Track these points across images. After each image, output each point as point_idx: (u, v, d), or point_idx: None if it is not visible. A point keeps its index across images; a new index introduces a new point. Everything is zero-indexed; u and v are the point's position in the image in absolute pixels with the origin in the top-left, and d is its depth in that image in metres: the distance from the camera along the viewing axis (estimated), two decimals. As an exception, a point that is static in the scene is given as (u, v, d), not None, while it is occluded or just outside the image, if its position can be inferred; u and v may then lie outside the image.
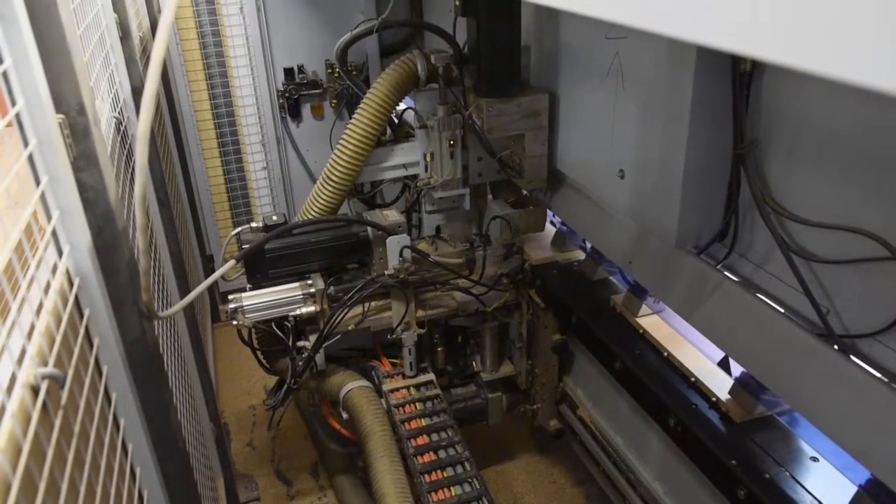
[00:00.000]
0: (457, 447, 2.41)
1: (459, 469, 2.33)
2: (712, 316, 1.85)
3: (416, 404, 2.62)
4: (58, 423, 0.96)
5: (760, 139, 1.67)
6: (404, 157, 2.74)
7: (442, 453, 2.40)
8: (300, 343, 2.54)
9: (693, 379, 2.04)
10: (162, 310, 2.01)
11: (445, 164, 2.66)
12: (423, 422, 2.54)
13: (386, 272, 2.54)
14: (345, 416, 2.62)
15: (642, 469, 2.37)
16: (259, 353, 2.65)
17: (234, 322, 2.44)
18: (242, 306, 2.42)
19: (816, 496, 1.65)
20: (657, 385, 2.08)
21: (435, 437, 2.46)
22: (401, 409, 2.60)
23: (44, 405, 0.91)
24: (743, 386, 1.90)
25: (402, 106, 2.78)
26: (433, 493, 2.24)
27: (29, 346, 0.93)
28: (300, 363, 2.53)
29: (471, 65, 2.52)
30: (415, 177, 2.78)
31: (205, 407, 2.73)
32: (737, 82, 1.65)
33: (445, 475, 2.30)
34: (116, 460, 1.24)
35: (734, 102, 1.67)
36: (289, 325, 2.49)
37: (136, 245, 1.33)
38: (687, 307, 1.95)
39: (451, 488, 2.26)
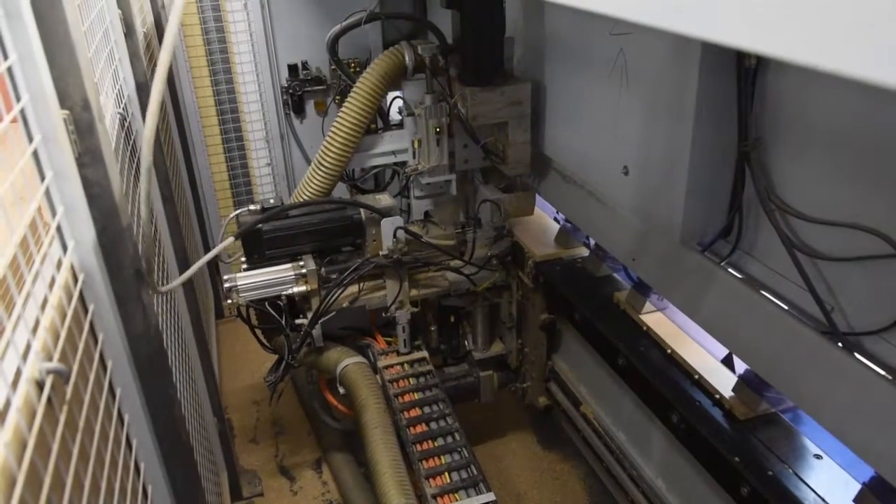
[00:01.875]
0: (447, 419, 2.53)
1: (450, 439, 2.45)
2: (716, 313, 1.85)
3: (410, 379, 2.75)
4: (62, 418, 0.96)
5: (765, 136, 1.67)
6: (393, 145, 2.84)
7: (433, 425, 2.51)
8: (298, 320, 2.65)
9: (696, 376, 2.04)
10: (167, 302, 2.02)
11: (432, 151, 2.74)
12: (416, 396, 2.67)
13: (380, 253, 2.64)
14: (341, 391, 2.72)
15: (645, 465, 2.37)
16: (258, 331, 2.76)
17: (229, 301, 2.56)
18: (237, 286, 2.53)
19: (820, 494, 1.65)
20: (660, 382, 2.08)
21: (427, 409, 2.59)
22: (395, 384, 2.73)
23: (48, 400, 0.92)
24: (746, 383, 1.90)
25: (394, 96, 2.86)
26: (424, 462, 2.35)
27: (34, 340, 0.93)
28: (297, 339, 2.64)
29: (456, 55, 2.60)
30: (404, 163, 2.87)
31: (208, 402, 2.74)
32: (742, 78, 1.65)
33: (436, 445, 2.42)
34: (121, 455, 1.25)
35: (739, 99, 1.67)
36: (281, 304, 2.59)
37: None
38: (691, 304, 1.95)
39: (442, 457, 2.37)
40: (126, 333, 1.31)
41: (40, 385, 0.91)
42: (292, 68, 3.98)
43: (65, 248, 1.16)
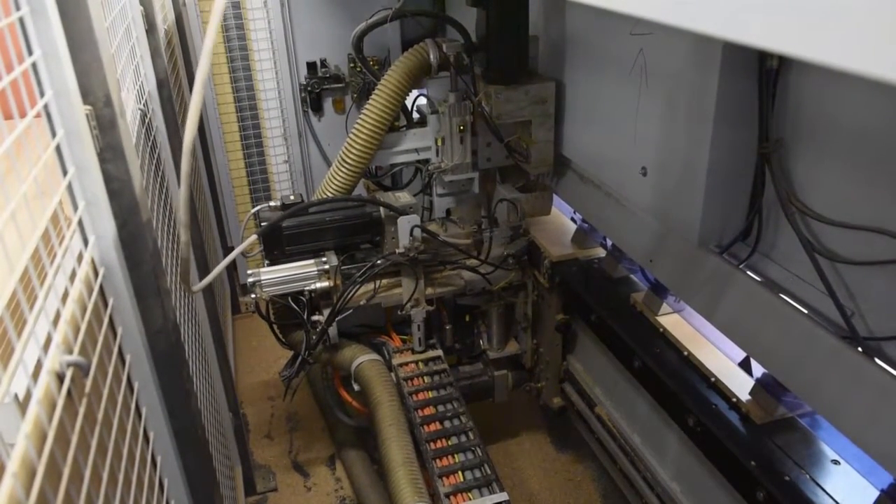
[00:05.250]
0: (461, 418, 2.54)
1: (463, 438, 2.45)
2: (734, 316, 1.83)
3: (424, 378, 2.77)
4: (82, 410, 0.97)
5: (786, 138, 1.65)
6: (417, 142, 2.85)
7: (447, 423, 2.52)
8: (315, 317, 2.67)
9: (713, 379, 2.03)
10: (185, 297, 2.03)
11: (455, 149, 2.75)
12: (430, 394, 2.68)
13: (397, 251, 2.66)
14: (356, 388, 2.74)
15: (660, 468, 2.35)
16: (276, 326, 2.78)
17: (253, 295, 2.58)
18: (260, 280, 2.56)
19: (837, 500, 1.63)
20: (677, 384, 2.07)
21: (441, 408, 2.60)
22: (409, 381, 2.75)
23: (68, 392, 0.93)
24: (764, 387, 1.89)
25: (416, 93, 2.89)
26: (438, 460, 2.35)
27: (55, 333, 0.94)
28: (314, 336, 2.66)
29: (480, 53, 2.61)
30: (427, 161, 2.88)
31: (224, 397, 2.76)
32: (763, 79, 1.63)
33: (450, 443, 2.43)
34: (138, 448, 1.26)
35: (760, 100, 1.65)
36: (304, 300, 2.62)
37: (158, 232, 1.34)
38: (708, 307, 1.94)
39: (455, 455, 2.38)
40: (145, 328, 1.32)
41: (60, 377, 0.92)
42: (311, 66, 4.00)
43: (86, 242, 1.17)
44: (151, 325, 1.33)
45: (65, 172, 1.10)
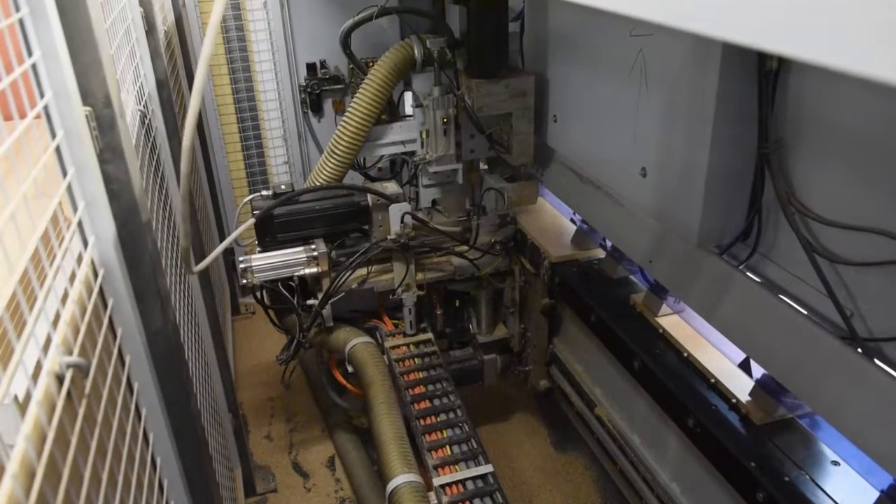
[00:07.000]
0: (450, 396, 2.66)
1: (451, 415, 2.58)
2: (734, 317, 1.83)
3: (415, 359, 2.90)
4: (81, 411, 0.97)
5: (786, 138, 1.65)
6: (402, 135, 2.94)
7: (437, 402, 2.64)
8: (309, 301, 2.78)
9: (713, 380, 2.03)
10: (184, 297, 2.03)
11: (440, 141, 2.83)
12: (421, 374, 2.82)
13: (388, 237, 2.76)
14: (350, 369, 2.84)
15: (659, 469, 2.35)
16: (271, 311, 2.88)
17: (244, 281, 2.67)
18: (251, 266, 2.66)
19: (837, 501, 1.63)
20: (676, 385, 2.07)
21: (431, 387, 2.73)
22: (401, 363, 2.88)
23: (68, 393, 0.93)
24: (764, 388, 1.89)
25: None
26: (427, 435, 2.47)
27: (54, 334, 0.94)
28: (308, 319, 2.77)
29: (462, 49, 2.70)
30: (413, 153, 2.97)
31: (224, 398, 2.76)
32: (762, 80, 1.63)
33: (439, 419, 2.55)
34: (138, 449, 1.26)
35: (759, 101, 1.65)
36: (293, 285, 2.72)
37: (158, 233, 1.34)
38: (708, 307, 1.93)
39: (444, 431, 2.50)
40: (144, 328, 1.32)
41: (60, 379, 0.92)
42: (311, 67, 3.99)
43: (85, 243, 1.17)
44: (151, 325, 1.33)
45: (64, 173, 1.10)
